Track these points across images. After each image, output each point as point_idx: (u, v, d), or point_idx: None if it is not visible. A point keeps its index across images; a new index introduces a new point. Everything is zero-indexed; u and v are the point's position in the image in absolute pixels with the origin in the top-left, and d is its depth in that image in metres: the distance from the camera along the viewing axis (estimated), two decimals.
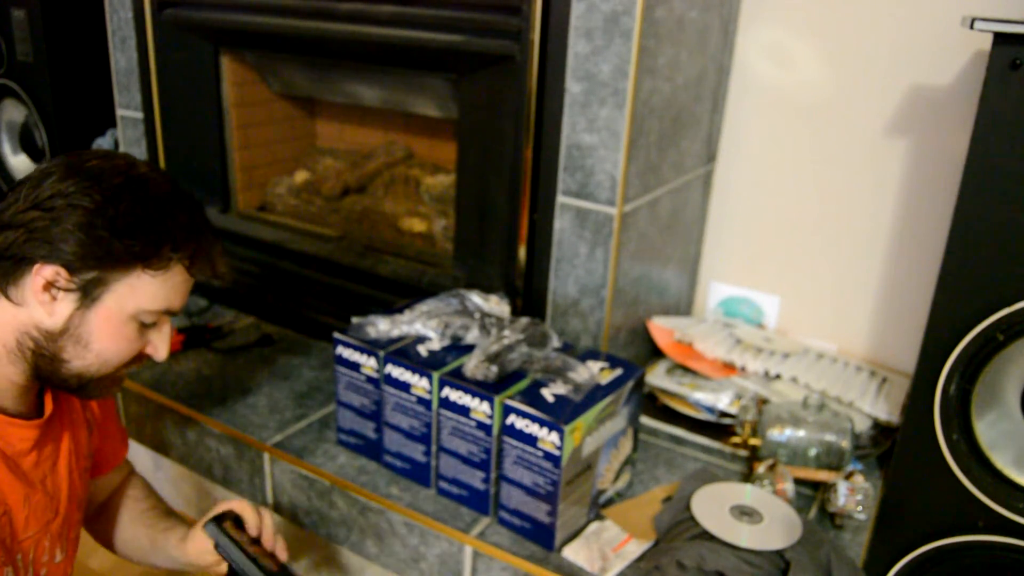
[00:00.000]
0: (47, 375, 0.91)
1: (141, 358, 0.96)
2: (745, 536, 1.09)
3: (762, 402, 1.41)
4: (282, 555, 1.06)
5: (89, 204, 0.85)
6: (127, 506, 1.15)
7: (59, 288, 0.87)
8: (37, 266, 0.86)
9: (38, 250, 0.86)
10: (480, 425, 1.16)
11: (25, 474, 0.93)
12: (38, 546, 0.96)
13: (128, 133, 1.86)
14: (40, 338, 0.89)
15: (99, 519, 1.16)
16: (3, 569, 0.90)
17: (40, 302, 0.87)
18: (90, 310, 0.88)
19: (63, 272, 0.86)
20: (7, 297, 0.88)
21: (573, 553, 1.15)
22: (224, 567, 1.05)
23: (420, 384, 1.20)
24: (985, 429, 1.05)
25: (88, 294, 0.88)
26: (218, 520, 1.03)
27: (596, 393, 1.15)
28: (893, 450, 1.15)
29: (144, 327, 0.93)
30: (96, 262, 0.86)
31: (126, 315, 0.90)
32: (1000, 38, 0.92)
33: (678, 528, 1.15)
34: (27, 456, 0.94)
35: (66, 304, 0.88)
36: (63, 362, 0.90)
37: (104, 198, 0.86)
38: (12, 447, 0.91)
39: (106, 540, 1.16)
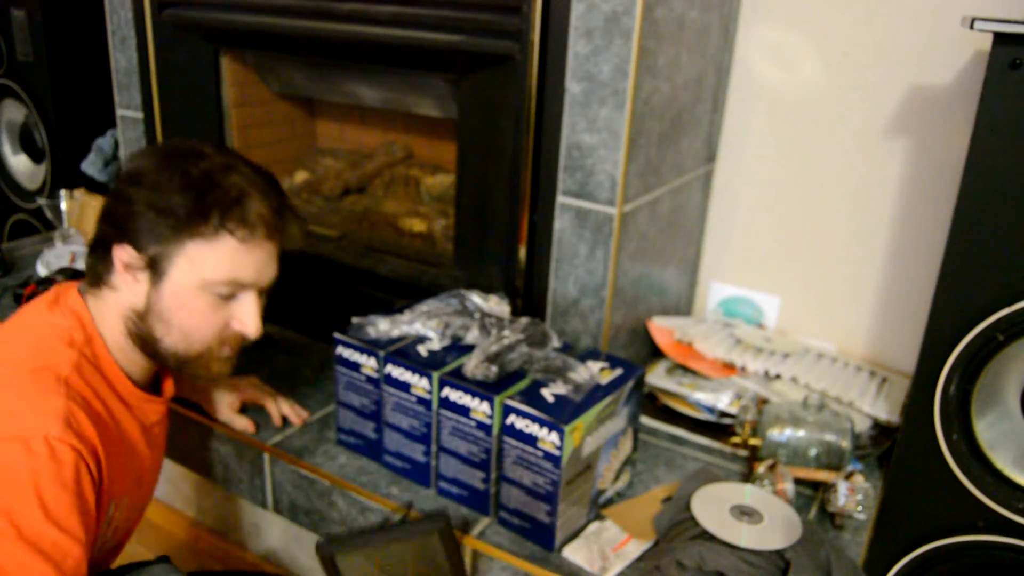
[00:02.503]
0: (152, 356, 0.98)
1: (233, 335, 1.01)
2: (745, 536, 1.09)
3: (762, 402, 1.41)
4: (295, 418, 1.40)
5: (145, 182, 0.91)
6: None
7: (134, 267, 0.92)
8: (115, 248, 0.92)
9: (114, 233, 0.92)
10: (480, 425, 1.16)
11: (152, 444, 1.04)
12: (127, 505, 1.05)
13: (128, 133, 1.86)
14: (136, 319, 0.94)
15: None
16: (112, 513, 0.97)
17: (126, 283, 0.93)
18: (162, 285, 0.93)
19: (132, 251, 0.91)
20: (108, 284, 0.94)
21: (573, 553, 1.15)
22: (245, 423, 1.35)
23: (420, 384, 1.20)
24: (985, 429, 1.05)
25: (156, 270, 0.92)
26: None
27: (596, 393, 1.15)
28: (893, 450, 1.15)
29: (223, 302, 0.96)
30: (154, 236, 0.91)
31: (193, 287, 0.93)
32: (1000, 38, 0.92)
33: (678, 528, 1.15)
34: (155, 428, 1.04)
35: (144, 283, 0.93)
36: (156, 341, 0.95)
37: (156, 176, 0.91)
38: (148, 419, 1.01)
39: None
